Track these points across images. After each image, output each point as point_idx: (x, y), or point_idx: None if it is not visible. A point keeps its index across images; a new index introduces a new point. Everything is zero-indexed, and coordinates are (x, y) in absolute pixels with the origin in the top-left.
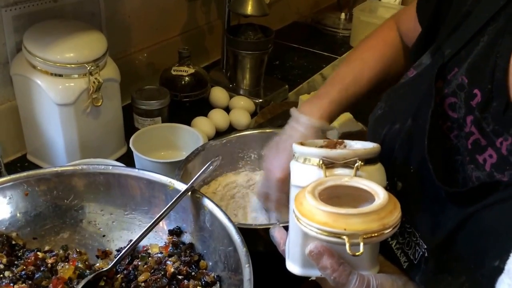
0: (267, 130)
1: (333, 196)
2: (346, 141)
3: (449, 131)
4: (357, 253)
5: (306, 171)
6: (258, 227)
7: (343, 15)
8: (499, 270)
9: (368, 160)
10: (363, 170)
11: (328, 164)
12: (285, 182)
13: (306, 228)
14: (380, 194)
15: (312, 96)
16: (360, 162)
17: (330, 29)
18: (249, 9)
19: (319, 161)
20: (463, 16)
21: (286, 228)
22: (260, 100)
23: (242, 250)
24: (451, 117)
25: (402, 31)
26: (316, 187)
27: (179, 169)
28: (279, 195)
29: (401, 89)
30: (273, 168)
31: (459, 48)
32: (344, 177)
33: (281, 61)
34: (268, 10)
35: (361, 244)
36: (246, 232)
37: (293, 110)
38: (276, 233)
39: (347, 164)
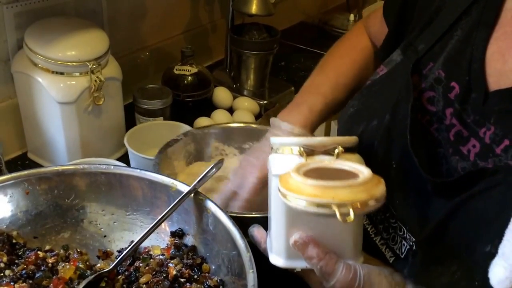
0: (253, 125)
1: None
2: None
3: (429, 125)
4: (348, 220)
5: (286, 160)
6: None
7: (352, 17)
8: (491, 255)
9: (347, 148)
10: (343, 158)
11: (308, 152)
12: (261, 183)
13: (294, 203)
14: (364, 171)
15: (290, 104)
16: (341, 148)
17: (338, 30)
18: (254, 8)
19: (300, 149)
20: (435, 12)
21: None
22: (265, 102)
23: (246, 255)
24: (430, 111)
25: (371, 34)
26: (300, 168)
27: (159, 152)
28: (249, 196)
29: (374, 87)
30: (252, 167)
31: (433, 43)
32: (325, 161)
33: (287, 62)
34: (273, 10)
35: (351, 211)
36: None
37: (273, 119)
38: (256, 232)
39: (327, 152)
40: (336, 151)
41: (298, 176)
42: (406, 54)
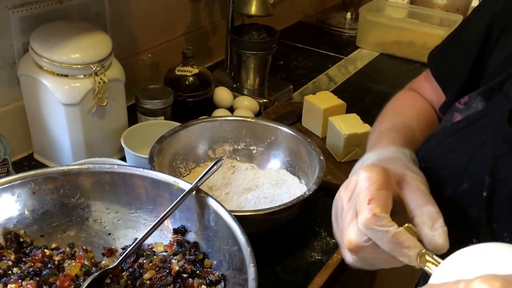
0: (248, 119)
1: None
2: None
3: None
4: None
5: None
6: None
7: (349, 15)
8: None
9: None
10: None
11: None
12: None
13: None
14: None
15: (369, 146)
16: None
17: (335, 29)
18: (253, 9)
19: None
20: None
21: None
22: (265, 100)
23: (246, 250)
24: None
25: (425, 95)
26: None
27: (157, 142)
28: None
29: (449, 138)
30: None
31: None
32: None
33: (285, 61)
34: (272, 10)
35: None
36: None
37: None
38: None
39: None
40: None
41: None
42: (493, 101)
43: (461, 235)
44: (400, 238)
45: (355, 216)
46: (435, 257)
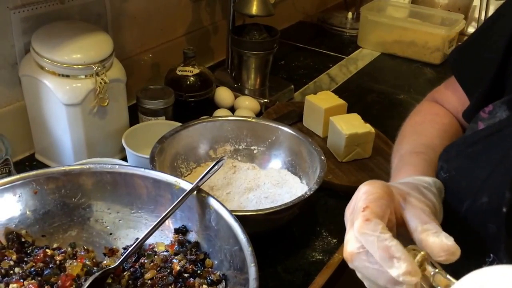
0: (249, 119)
1: None
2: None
3: None
4: None
5: None
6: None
7: (350, 15)
8: None
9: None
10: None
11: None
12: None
13: None
14: None
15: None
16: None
17: (336, 28)
18: (254, 9)
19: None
20: None
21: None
22: (266, 100)
23: (247, 249)
24: None
25: (448, 105)
26: None
27: (158, 142)
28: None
29: (470, 147)
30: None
31: None
32: None
33: (286, 61)
34: (273, 10)
35: None
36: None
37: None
38: None
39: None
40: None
41: None
42: None
43: (477, 250)
44: (391, 247)
45: (352, 226)
46: (448, 276)
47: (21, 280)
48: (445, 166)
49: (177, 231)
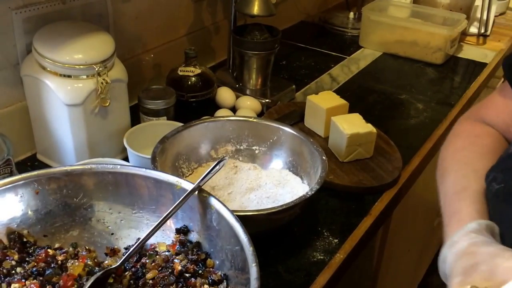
0: (250, 120)
1: None
2: None
3: None
4: None
5: None
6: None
7: (351, 15)
8: None
9: None
10: None
11: None
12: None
13: None
14: None
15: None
16: None
17: (338, 28)
18: (256, 9)
19: None
20: None
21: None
22: (267, 100)
23: (249, 249)
24: None
25: (491, 121)
26: None
27: (159, 143)
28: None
29: None
30: None
31: None
32: None
33: (288, 61)
34: (274, 10)
35: None
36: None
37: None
38: None
39: None
40: None
41: None
42: None
43: None
44: None
45: None
46: None
47: (23, 280)
48: (497, 176)
49: (178, 231)
